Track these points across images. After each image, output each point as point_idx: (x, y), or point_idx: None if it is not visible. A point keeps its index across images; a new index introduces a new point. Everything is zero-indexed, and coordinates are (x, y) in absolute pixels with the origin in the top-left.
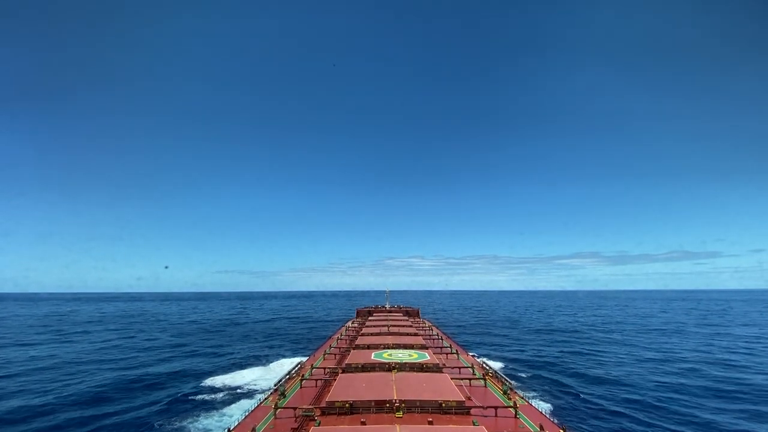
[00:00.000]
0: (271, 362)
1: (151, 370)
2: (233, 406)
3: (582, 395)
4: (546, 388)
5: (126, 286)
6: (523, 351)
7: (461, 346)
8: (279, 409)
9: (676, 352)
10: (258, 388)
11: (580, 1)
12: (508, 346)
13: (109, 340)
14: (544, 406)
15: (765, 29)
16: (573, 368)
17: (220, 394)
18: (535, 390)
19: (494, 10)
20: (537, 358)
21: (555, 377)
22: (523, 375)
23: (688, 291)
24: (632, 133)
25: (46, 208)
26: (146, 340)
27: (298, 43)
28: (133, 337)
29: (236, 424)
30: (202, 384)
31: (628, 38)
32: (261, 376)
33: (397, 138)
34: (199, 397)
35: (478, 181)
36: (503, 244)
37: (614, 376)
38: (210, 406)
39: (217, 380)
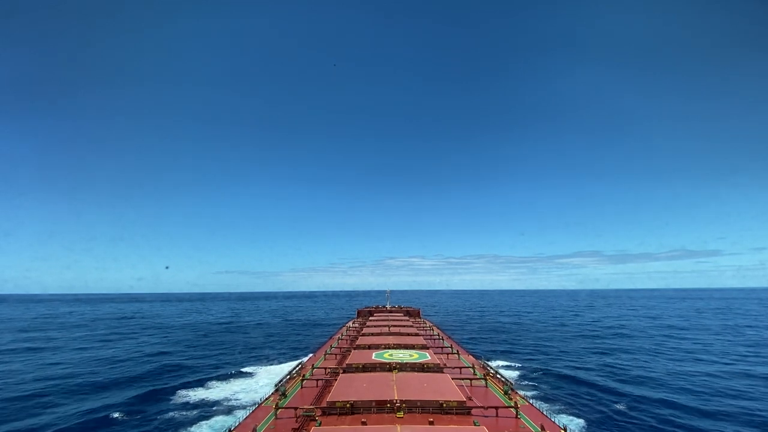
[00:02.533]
0: (258, 372)
1: (118, 385)
2: (203, 424)
3: None
4: None
5: (127, 287)
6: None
7: (462, 346)
8: (280, 409)
9: None
10: (238, 404)
11: (581, 1)
12: (559, 357)
13: (87, 348)
14: (545, 407)
15: (765, 29)
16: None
17: (194, 412)
18: None
19: (495, 11)
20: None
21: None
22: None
23: (690, 290)
24: (633, 133)
25: (46, 209)
26: (129, 347)
27: (298, 44)
28: (115, 341)
29: (237, 424)
30: (173, 401)
31: (628, 38)
32: (243, 388)
33: (397, 138)
34: (168, 415)
35: (478, 181)
36: (504, 244)
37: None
38: (178, 425)
39: (193, 395)
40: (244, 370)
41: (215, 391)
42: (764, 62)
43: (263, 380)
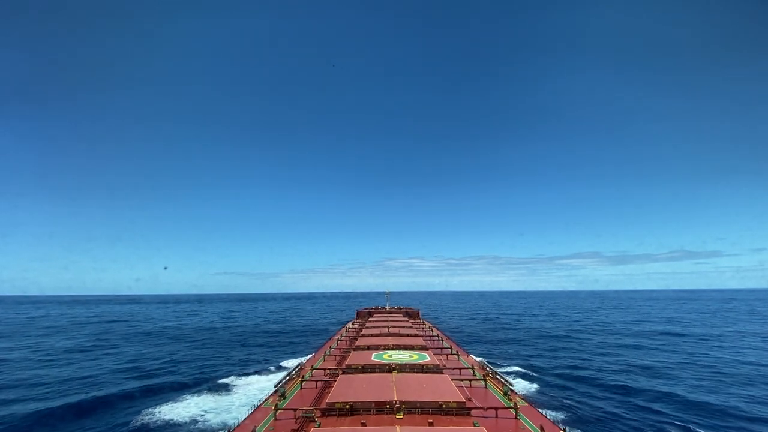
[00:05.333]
0: (237, 384)
1: (74, 404)
2: None
3: None
4: None
5: (125, 288)
6: None
7: (461, 346)
8: (279, 411)
9: None
10: (208, 426)
11: (580, 1)
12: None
13: (55, 361)
14: (545, 408)
15: (765, 29)
16: None
17: None
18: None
19: (495, 11)
20: None
21: None
22: None
23: (690, 291)
24: (632, 133)
25: (45, 209)
26: (103, 356)
27: (296, 44)
28: (91, 350)
29: (236, 425)
30: (134, 422)
31: (628, 38)
32: (215, 407)
33: (396, 138)
34: None
35: (478, 182)
36: (503, 245)
37: None
38: None
39: (158, 412)
40: (222, 381)
41: (184, 408)
42: (764, 62)
43: (242, 397)
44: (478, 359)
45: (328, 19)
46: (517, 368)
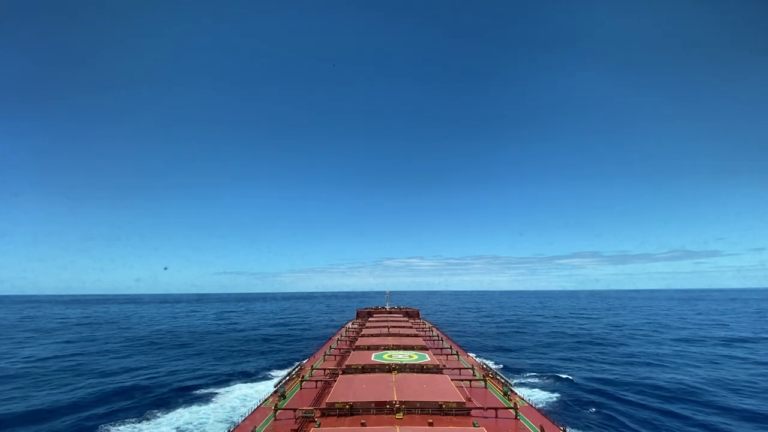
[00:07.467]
0: (218, 395)
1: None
2: None
3: None
4: None
5: (124, 288)
6: None
7: (461, 347)
8: (279, 411)
9: None
10: None
11: (580, 1)
12: None
13: (22, 370)
14: (544, 407)
15: (765, 29)
16: None
17: None
18: None
19: (494, 11)
20: None
21: None
22: None
23: (691, 290)
24: (632, 133)
25: (43, 209)
26: (83, 360)
27: (296, 45)
28: (70, 357)
29: (235, 426)
30: None
31: (628, 38)
32: (191, 418)
33: (396, 139)
34: None
35: (477, 182)
36: (503, 244)
37: None
38: None
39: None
40: (205, 392)
41: (152, 429)
42: (764, 63)
43: (218, 411)
44: (478, 359)
45: (328, 19)
46: (572, 377)
